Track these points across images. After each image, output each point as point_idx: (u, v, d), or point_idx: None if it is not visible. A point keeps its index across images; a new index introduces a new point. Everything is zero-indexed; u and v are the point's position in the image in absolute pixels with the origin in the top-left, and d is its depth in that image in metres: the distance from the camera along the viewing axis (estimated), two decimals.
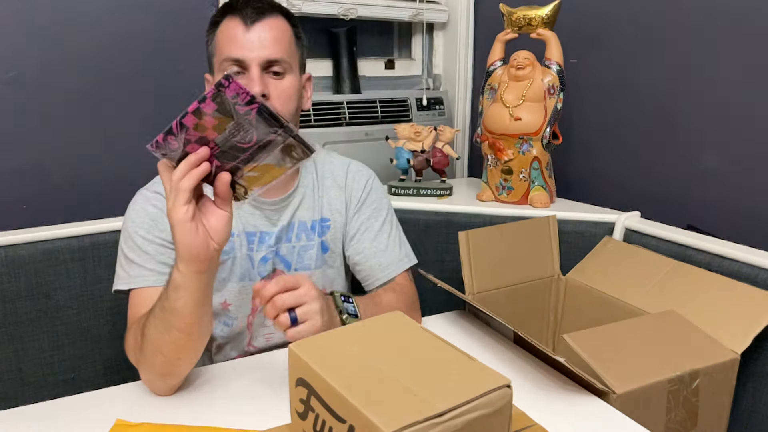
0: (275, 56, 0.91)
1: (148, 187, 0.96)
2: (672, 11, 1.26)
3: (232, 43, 0.90)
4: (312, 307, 0.77)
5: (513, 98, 1.30)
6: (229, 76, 0.62)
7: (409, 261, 1.07)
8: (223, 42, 0.92)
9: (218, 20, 0.94)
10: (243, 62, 0.90)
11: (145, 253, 0.89)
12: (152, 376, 0.80)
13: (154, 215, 0.91)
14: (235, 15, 0.91)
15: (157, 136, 0.65)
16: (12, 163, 1.23)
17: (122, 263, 0.91)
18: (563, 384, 0.86)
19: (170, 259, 0.89)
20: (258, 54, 0.90)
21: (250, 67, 0.90)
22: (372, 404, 0.49)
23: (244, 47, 0.90)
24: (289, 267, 1.00)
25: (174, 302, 0.74)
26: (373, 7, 1.65)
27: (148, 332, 0.77)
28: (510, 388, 0.52)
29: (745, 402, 0.96)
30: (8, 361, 1.07)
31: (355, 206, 1.05)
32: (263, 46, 0.90)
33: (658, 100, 1.31)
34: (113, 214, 1.18)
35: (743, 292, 0.95)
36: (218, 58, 0.93)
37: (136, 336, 0.81)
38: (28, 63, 1.22)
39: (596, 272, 1.15)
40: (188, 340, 0.77)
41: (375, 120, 1.64)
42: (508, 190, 1.36)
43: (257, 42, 0.90)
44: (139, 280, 0.89)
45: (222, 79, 0.62)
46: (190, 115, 0.63)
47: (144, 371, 0.81)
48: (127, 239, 0.91)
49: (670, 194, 1.30)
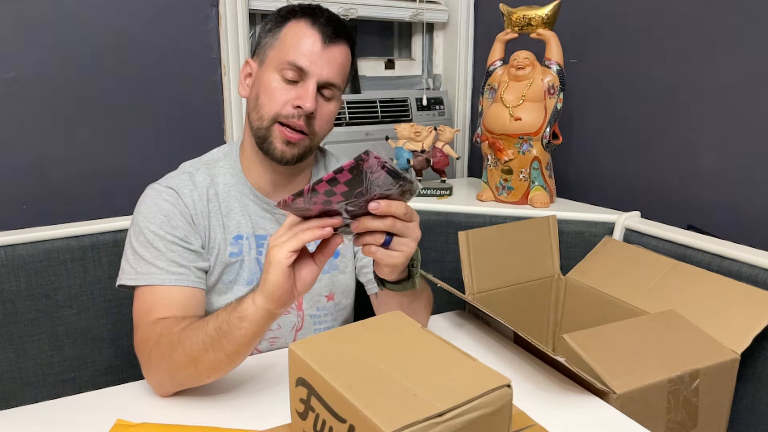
0: (334, 81, 0.92)
1: (161, 182, 0.94)
2: (672, 11, 1.26)
3: (303, 51, 0.89)
4: (410, 243, 0.76)
5: (513, 98, 1.30)
6: (369, 152, 0.62)
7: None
8: (293, 45, 0.90)
9: (291, 16, 0.92)
10: (305, 73, 0.90)
11: (156, 249, 0.88)
12: (167, 381, 0.80)
13: (167, 210, 0.90)
14: (315, 26, 0.90)
15: (287, 196, 0.66)
16: (12, 163, 1.23)
17: (129, 258, 0.90)
18: (563, 384, 0.86)
19: (181, 258, 0.89)
20: (322, 72, 0.90)
21: (308, 80, 0.90)
22: (372, 404, 0.49)
23: (313, 62, 0.90)
24: None
25: (235, 330, 0.74)
26: (373, 7, 1.65)
27: (190, 345, 0.77)
28: (510, 387, 0.52)
29: (745, 402, 0.96)
30: (8, 361, 1.07)
31: None
32: (329, 67, 0.91)
33: (658, 99, 1.31)
34: (113, 214, 1.18)
35: (743, 292, 0.95)
36: (279, 54, 0.91)
37: (159, 339, 0.80)
38: (28, 63, 1.22)
39: (596, 272, 1.15)
40: (228, 363, 0.78)
41: (375, 120, 1.64)
42: (508, 190, 1.36)
43: (326, 62, 0.90)
44: (147, 278, 0.87)
45: (362, 154, 0.62)
46: (324, 184, 0.64)
47: (159, 374, 0.81)
48: (137, 234, 0.90)
49: (670, 194, 1.30)
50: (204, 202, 0.94)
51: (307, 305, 1.01)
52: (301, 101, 0.89)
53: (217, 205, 0.95)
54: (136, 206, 0.93)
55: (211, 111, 1.43)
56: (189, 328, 0.79)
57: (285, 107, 0.90)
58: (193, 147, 1.23)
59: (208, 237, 0.94)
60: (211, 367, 0.78)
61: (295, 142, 0.91)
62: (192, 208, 0.92)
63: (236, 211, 0.96)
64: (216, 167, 0.98)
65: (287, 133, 0.90)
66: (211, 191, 0.95)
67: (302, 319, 1.01)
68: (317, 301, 1.02)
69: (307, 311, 1.01)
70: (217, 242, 0.94)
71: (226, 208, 0.95)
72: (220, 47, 1.41)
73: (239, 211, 0.96)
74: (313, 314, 1.02)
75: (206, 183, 0.95)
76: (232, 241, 0.95)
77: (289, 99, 0.90)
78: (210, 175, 0.96)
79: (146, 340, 0.83)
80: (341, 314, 1.06)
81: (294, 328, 1.01)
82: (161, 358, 0.79)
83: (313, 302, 1.01)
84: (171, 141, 1.39)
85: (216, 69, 1.42)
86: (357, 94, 1.66)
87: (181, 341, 0.78)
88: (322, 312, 1.03)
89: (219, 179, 0.96)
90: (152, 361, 0.81)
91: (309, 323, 1.02)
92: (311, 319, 1.02)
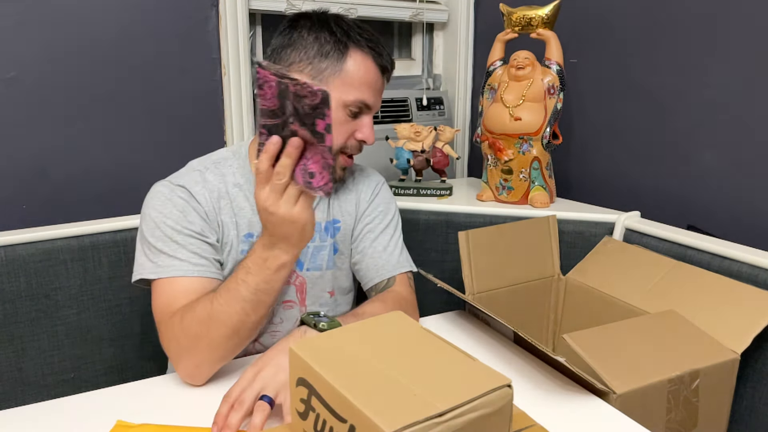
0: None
1: (171, 180, 0.94)
2: (672, 11, 1.26)
3: (371, 89, 0.95)
4: (274, 383, 0.74)
5: (513, 98, 1.30)
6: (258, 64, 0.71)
7: (410, 267, 1.06)
8: (365, 83, 0.94)
9: (352, 45, 0.93)
10: (371, 108, 0.97)
11: (175, 242, 0.88)
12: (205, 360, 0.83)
13: (182, 207, 0.91)
14: (377, 60, 0.95)
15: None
16: (12, 163, 1.23)
17: (147, 253, 0.90)
18: (563, 384, 0.86)
19: (201, 250, 0.89)
20: (378, 104, 0.99)
21: (370, 114, 0.97)
22: (373, 404, 0.49)
23: (377, 96, 0.97)
24: (301, 267, 1.00)
25: (275, 283, 0.81)
26: (373, 7, 1.65)
27: (229, 317, 0.80)
28: (510, 387, 0.52)
29: (745, 402, 0.96)
30: (8, 361, 1.07)
31: (364, 208, 1.06)
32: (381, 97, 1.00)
33: (658, 99, 1.31)
34: (113, 214, 1.18)
35: (743, 292, 0.95)
36: (348, 90, 0.93)
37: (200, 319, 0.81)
38: (28, 63, 1.22)
39: (596, 272, 1.15)
40: (264, 317, 0.84)
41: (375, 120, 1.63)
42: (508, 190, 1.36)
43: (381, 93, 0.99)
44: (169, 270, 0.87)
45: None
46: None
47: (196, 356, 0.82)
48: (153, 230, 0.90)
49: (670, 194, 1.31)
50: (215, 199, 0.94)
51: (310, 301, 1.01)
52: (364, 136, 0.96)
53: (229, 203, 0.96)
54: (146, 203, 0.93)
55: (211, 111, 1.43)
56: (217, 300, 0.82)
57: (349, 140, 0.96)
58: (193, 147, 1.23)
59: (221, 233, 0.94)
60: (254, 327, 0.84)
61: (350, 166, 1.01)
62: (205, 205, 0.93)
63: (247, 210, 0.96)
64: (225, 166, 0.98)
65: (349, 160, 0.99)
66: (222, 189, 0.96)
67: None
68: (320, 297, 1.02)
69: (310, 307, 1.02)
70: (230, 239, 0.95)
71: (237, 207, 0.96)
72: (220, 47, 1.41)
73: (250, 209, 0.96)
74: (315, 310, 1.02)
75: (217, 181, 0.96)
76: (243, 239, 0.96)
77: (352, 132, 0.96)
78: (220, 174, 0.97)
79: (172, 330, 0.84)
80: (342, 310, 1.06)
81: (296, 323, 1.01)
82: (197, 340, 0.81)
83: (316, 298, 1.02)
84: (171, 141, 1.39)
85: (216, 69, 1.42)
86: None
87: (217, 316, 0.81)
88: (325, 308, 1.03)
89: (229, 178, 0.97)
90: (185, 347, 0.82)
91: None
92: None
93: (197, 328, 0.81)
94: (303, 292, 1.00)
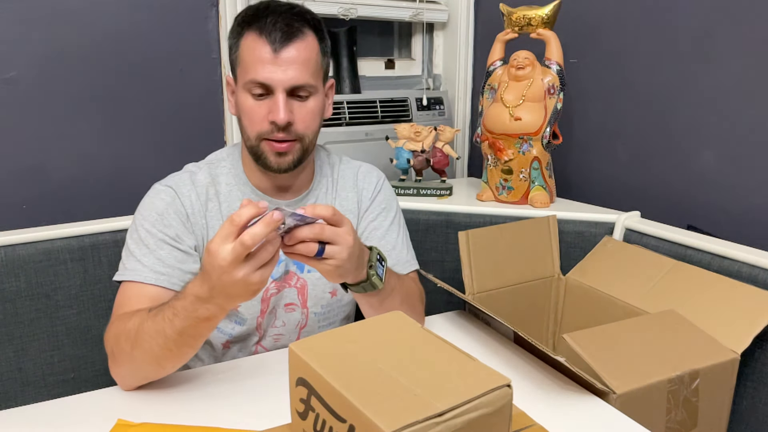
0: (301, 82, 0.89)
1: (162, 181, 0.95)
2: (672, 11, 1.26)
3: (258, 66, 0.88)
4: (342, 251, 0.75)
5: (513, 98, 1.30)
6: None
7: (416, 265, 1.07)
8: (249, 62, 0.89)
9: (242, 30, 0.91)
10: (269, 87, 0.88)
11: (146, 246, 0.89)
12: (128, 376, 0.82)
13: (162, 209, 0.91)
14: (263, 35, 0.88)
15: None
16: (12, 163, 1.23)
17: (124, 254, 0.92)
18: (563, 384, 0.86)
19: (169, 256, 0.89)
20: (284, 78, 0.88)
21: (275, 92, 0.89)
22: (372, 404, 0.49)
23: (271, 71, 0.88)
24: (302, 268, 1.00)
25: (203, 329, 0.77)
26: (373, 7, 1.65)
27: (150, 347, 0.78)
28: (510, 387, 0.52)
29: (745, 402, 0.96)
30: (8, 361, 1.07)
31: (366, 206, 1.06)
32: (290, 70, 0.88)
33: (658, 99, 1.31)
34: (113, 214, 1.18)
35: (743, 292, 0.95)
36: (242, 74, 0.90)
37: (128, 335, 0.80)
38: (28, 63, 1.22)
39: (596, 272, 1.15)
40: (192, 353, 0.81)
41: (375, 120, 1.64)
42: (508, 190, 1.36)
43: (284, 67, 0.88)
44: (133, 274, 0.88)
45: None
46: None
47: (120, 366, 0.82)
48: (132, 232, 0.92)
49: (670, 194, 1.30)
50: (203, 201, 0.94)
51: (312, 303, 1.01)
52: (273, 116, 0.88)
53: (217, 205, 0.95)
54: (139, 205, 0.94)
55: (211, 111, 1.43)
56: (147, 323, 0.78)
57: (263, 125, 0.90)
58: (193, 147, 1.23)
59: (205, 236, 0.94)
60: (179, 360, 0.80)
61: (286, 151, 0.91)
62: (189, 207, 0.93)
63: None
64: (218, 167, 0.98)
65: (275, 145, 0.90)
66: (211, 190, 0.95)
67: (306, 317, 1.01)
68: (321, 299, 1.02)
69: (311, 309, 1.01)
70: None
71: (228, 208, 0.96)
72: (220, 47, 1.41)
73: None
74: (317, 312, 1.02)
75: (206, 182, 0.95)
76: None
77: (265, 115, 0.90)
78: (211, 175, 0.97)
79: (110, 331, 0.85)
80: (344, 310, 1.06)
81: (298, 325, 1.01)
82: (121, 352, 0.81)
83: (318, 300, 1.02)
84: (171, 141, 1.39)
85: (216, 69, 1.42)
86: (357, 94, 1.66)
87: (142, 339, 0.78)
88: (326, 309, 1.03)
89: (221, 179, 0.97)
90: (112, 353, 0.83)
91: (313, 321, 1.02)
92: (315, 317, 1.02)
93: (124, 343, 0.80)
94: (304, 294, 1.00)
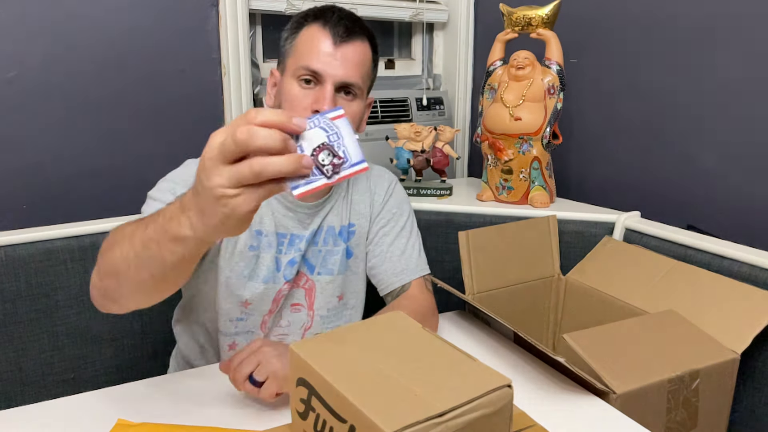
0: (352, 80, 0.91)
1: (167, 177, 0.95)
2: (672, 11, 1.26)
3: (316, 54, 0.89)
4: (268, 366, 0.74)
5: (513, 98, 1.30)
6: None
7: (427, 270, 1.06)
8: (306, 49, 0.90)
9: (304, 22, 0.93)
10: (320, 76, 0.89)
11: (153, 200, 0.90)
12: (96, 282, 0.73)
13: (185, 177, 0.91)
14: (326, 27, 0.90)
15: None
16: (12, 163, 1.23)
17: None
18: (563, 384, 0.86)
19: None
20: (337, 73, 0.89)
21: (324, 83, 0.89)
22: (373, 404, 0.49)
23: (327, 63, 0.89)
24: (312, 270, 1.00)
25: (166, 253, 0.62)
26: (373, 7, 1.65)
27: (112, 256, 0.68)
28: (511, 388, 0.52)
29: (745, 402, 0.96)
30: (8, 361, 1.07)
31: (377, 211, 1.05)
32: (344, 67, 0.90)
33: (658, 99, 1.31)
34: (113, 214, 1.18)
35: (743, 292, 0.95)
36: (295, 61, 0.91)
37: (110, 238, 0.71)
38: (28, 63, 1.22)
39: (596, 272, 1.15)
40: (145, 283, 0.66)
41: (375, 120, 1.64)
42: (508, 190, 1.36)
43: (340, 62, 0.90)
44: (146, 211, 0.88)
45: None
46: None
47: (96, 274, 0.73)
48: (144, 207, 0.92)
49: (670, 194, 1.31)
50: None
51: (319, 305, 1.01)
52: (318, 105, 0.88)
53: None
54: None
55: (211, 111, 1.43)
56: (125, 228, 0.69)
57: (305, 113, 0.89)
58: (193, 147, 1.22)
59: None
60: (133, 284, 0.67)
61: None
62: None
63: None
64: None
65: None
66: None
67: (312, 319, 1.01)
68: (329, 302, 1.02)
69: (318, 311, 1.01)
70: None
71: None
72: (220, 47, 1.41)
73: (264, 205, 0.95)
74: (323, 315, 1.02)
75: None
76: (252, 234, 0.95)
77: (309, 104, 0.90)
78: None
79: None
80: (349, 315, 1.06)
81: (303, 326, 1.01)
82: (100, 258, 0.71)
83: (325, 302, 1.01)
84: (171, 141, 1.39)
85: (216, 69, 1.41)
86: None
87: (110, 247, 0.69)
88: (332, 312, 1.03)
89: None
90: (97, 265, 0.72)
91: (318, 323, 1.02)
92: (321, 320, 1.02)
93: (104, 245, 0.71)
94: (312, 296, 1.00)
